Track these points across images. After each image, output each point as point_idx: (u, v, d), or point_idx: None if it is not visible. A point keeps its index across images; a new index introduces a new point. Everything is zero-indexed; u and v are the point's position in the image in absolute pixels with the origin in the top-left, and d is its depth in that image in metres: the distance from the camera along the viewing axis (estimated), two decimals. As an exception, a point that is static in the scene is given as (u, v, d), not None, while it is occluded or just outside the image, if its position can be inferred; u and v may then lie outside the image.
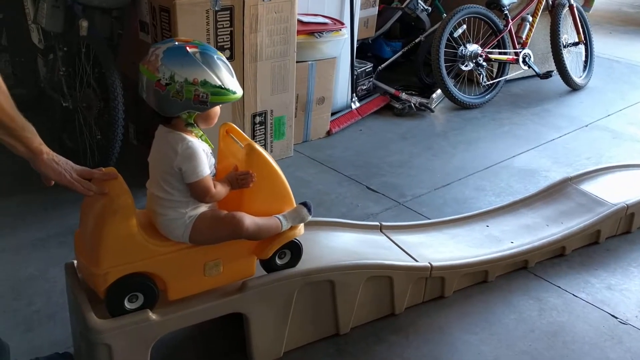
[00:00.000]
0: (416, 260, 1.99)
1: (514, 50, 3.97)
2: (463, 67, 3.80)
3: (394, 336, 1.89)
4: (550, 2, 4.13)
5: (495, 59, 3.90)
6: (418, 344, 1.87)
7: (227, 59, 2.68)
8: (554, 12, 4.10)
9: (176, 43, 1.41)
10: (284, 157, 3.06)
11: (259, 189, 1.55)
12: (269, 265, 1.68)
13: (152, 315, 1.50)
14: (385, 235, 2.13)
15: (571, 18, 4.22)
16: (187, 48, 1.39)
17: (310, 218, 1.66)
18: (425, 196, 2.79)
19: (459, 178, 2.97)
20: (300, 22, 3.02)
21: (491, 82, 3.92)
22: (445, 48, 3.66)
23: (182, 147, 1.41)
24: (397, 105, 3.72)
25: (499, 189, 2.86)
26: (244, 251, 1.61)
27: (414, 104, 3.70)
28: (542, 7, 4.08)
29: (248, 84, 2.78)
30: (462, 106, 3.79)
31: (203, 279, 1.57)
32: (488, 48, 3.86)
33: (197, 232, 1.48)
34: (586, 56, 4.32)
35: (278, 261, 1.68)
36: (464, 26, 3.78)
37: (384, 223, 2.19)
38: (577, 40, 4.25)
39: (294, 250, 1.70)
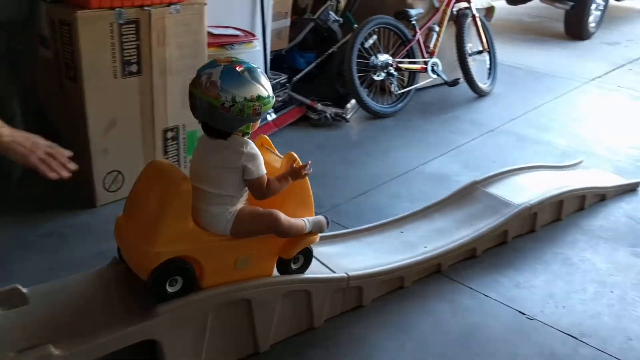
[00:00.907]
0: (333, 272, 2.00)
1: (423, 60, 4.10)
2: (375, 77, 3.88)
3: (314, 350, 1.89)
4: (455, 13, 4.31)
5: (405, 69, 4.01)
6: (338, 356, 1.88)
7: (135, 73, 2.63)
8: (458, 22, 4.28)
9: (223, 65, 1.55)
10: (199, 172, 3.00)
11: (291, 194, 1.75)
12: (285, 269, 1.83)
13: (55, 351, 1.41)
14: (303, 247, 2.13)
15: (475, 28, 4.42)
16: (237, 69, 1.55)
17: (326, 231, 1.87)
18: (343, 206, 2.81)
19: (375, 186, 3.03)
20: (210, 34, 2.98)
21: (402, 91, 4.03)
22: (357, 58, 3.72)
23: (247, 148, 1.61)
24: (313, 116, 3.74)
25: (412, 195, 2.93)
26: (271, 250, 1.77)
27: (329, 114, 3.74)
28: (447, 18, 4.24)
29: (158, 99, 2.70)
30: (375, 115, 3.86)
31: (233, 271, 1.70)
32: (398, 58, 3.96)
33: (239, 225, 1.64)
34: (490, 64, 4.53)
35: (293, 266, 1.85)
36: (375, 37, 3.86)
37: (301, 235, 2.19)
38: (481, 48, 4.46)
39: (307, 256, 1.87)
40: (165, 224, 1.54)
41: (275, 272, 1.83)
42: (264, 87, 1.58)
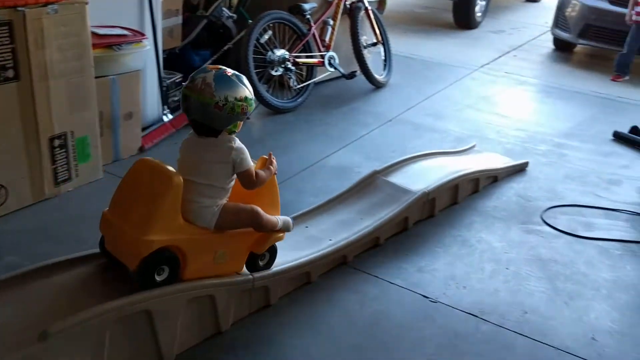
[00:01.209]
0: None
1: (320, 53, 4.13)
2: (273, 72, 3.86)
3: (223, 355, 1.85)
4: (348, 6, 4.36)
5: (302, 63, 4.02)
6: (247, 359, 1.84)
7: (12, 79, 2.44)
8: (352, 15, 4.35)
9: (214, 70, 1.73)
10: (92, 180, 2.84)
11: (265, 194, 1.92)
12: (253, 266, 1.96)
13: None
14: (206, 251, 2.09)
15: (368, 20, 4.50)
16: (227, 73, 1.73)
17: (291, 231, 2.03)
18: (246, 204, 2.77)
19: (279, 182, 2.97)
20: (95, 34, 2.83)
21: (301, 85, 4.03)
22: (253, 54, 3.68)
23: (235, 143, 1.79)
24: (212, 115, 3.66)
25: (316, 189, 2.95)
26: (245, 245, 1.90)
27: (228, 112, 3.67)
28: (340, 11, 4.29)
29: (41, 105, 2.53)
30: (276, 111, 3.85)
31: (211, 265, 1.81)
32: (295, 52, 3.96)
33: (223, 218, 1.79)
34: (385, 55, 4.64)
35: (260, 262, 1.98)
36: (270, 32, 3.84)
37: (203, 239, 2.13)
38: (375, 41, 4.55)
39: (272, 253, 2.01)
40: (159, 214, 1.65)
41: (245, 270, 1.96)
42: (248, 90, 1.76)
